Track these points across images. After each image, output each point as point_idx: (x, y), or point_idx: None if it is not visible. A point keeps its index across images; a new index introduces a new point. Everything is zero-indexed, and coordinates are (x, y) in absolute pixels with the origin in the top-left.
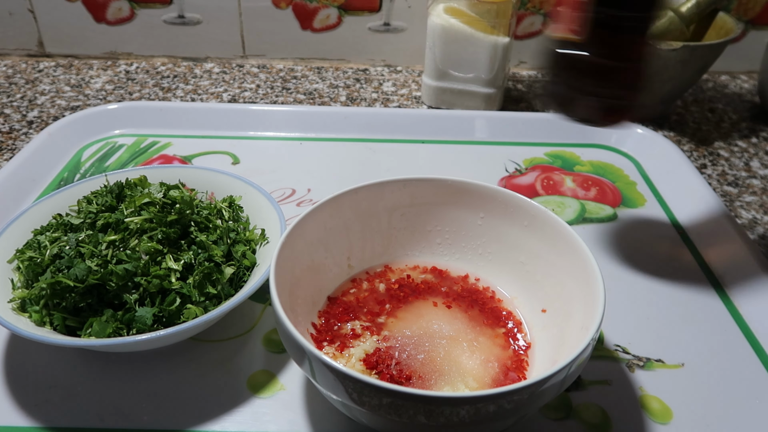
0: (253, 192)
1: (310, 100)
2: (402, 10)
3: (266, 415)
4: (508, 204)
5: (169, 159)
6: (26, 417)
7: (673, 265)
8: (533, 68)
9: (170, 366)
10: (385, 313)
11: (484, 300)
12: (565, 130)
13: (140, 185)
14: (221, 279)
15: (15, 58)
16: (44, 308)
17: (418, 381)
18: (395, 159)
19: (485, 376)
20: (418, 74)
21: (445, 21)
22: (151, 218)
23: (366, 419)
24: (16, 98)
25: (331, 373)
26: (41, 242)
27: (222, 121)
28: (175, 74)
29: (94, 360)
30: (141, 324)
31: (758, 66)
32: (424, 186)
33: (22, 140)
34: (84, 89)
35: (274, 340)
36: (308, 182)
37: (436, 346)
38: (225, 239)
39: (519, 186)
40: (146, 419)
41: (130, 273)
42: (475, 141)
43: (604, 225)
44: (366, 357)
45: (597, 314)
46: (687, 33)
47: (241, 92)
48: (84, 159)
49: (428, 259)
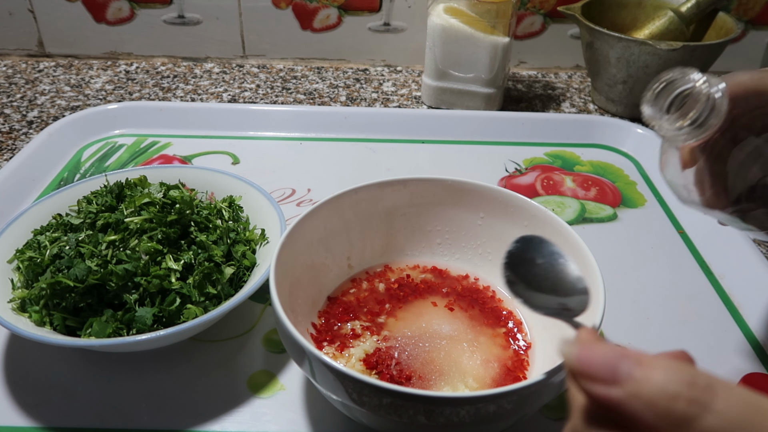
0: (253, 192)
1: (310, 100)
2: (402, 10)
3: (266, 415)
4: (508, 204)
5: (169, 159)
6: (26, 417)
7: (673, 265)
8: (533, 68)
9: (170, 366)
10: (384, 313)
11: (485, 300)
12: (565, 130)
13: (140, 185)
14: (221, 279)
15: (15, 58)
16: (44, 308)
17: (418, 381)
18: (395, 159)
19: (485, 376)
20: (418, 74)
21: (445, 21)
22: (151, 218)
23: (366, 419)
24: (16, 98)
25: (331, 373)
26: (41, 242)
27: (222, 121)
28: (175, 74)
29: (94, 360)
30: (141, 324)
31: (758, 66)
32: (424, 186)
33: (22, 140)
34: (84, 89)
35: (274, 340)
36: (308, 182)
37: (436, 346)
38: (225, 239)
39: (519, 186)
40: (146, 419)
41: (130, 273)
42: (475, 141)
43: (604, 225)
44: (366, 357)
45: (597, 314)
46: (687, 33)
47: (241, 92)
48: (84, 159)
49: (428, 259)
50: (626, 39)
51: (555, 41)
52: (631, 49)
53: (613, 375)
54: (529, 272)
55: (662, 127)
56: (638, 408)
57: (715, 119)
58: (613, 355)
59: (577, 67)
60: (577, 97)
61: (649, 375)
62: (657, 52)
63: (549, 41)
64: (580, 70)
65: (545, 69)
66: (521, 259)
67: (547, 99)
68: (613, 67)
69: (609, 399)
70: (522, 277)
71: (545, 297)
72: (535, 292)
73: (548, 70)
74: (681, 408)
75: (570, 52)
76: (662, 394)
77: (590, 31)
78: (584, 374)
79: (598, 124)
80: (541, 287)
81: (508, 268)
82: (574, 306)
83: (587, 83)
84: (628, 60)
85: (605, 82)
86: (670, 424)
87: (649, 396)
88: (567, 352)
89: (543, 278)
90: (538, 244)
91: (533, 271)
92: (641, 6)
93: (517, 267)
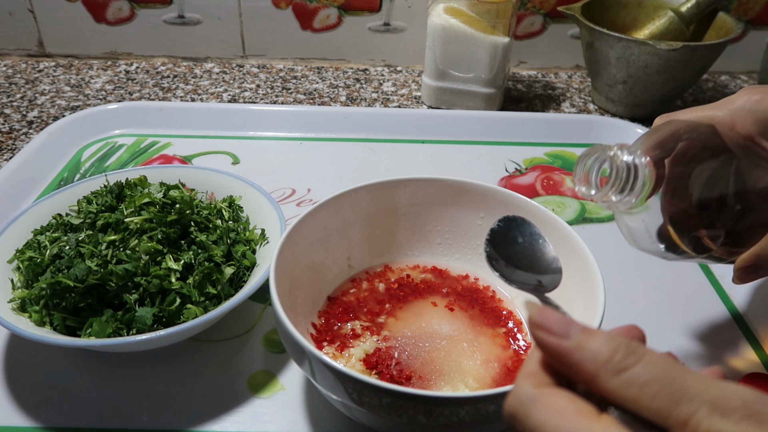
0: (253, 192)
1: (310, 100)
2: (402, 10)
3: (266, 415)
4: (508, 204)
5: (169, 159)
6: (26, 417)
7: (673, 265)
8: (533, 68)
9: (170, 366)
10: (384, 313)
11: (485, 300)
12: (565, 130)
13: (140, 185)
14: (221, 279)
15: (15, 58)
16: (44, 308)
17: (418, 381)
18: (395, 159)
19: (485, 376)
20: (418, 74)
21: (445, 21)
22: (151, 218)
23: (366, 419)
24: (16, 98)
25: (331, 373)
26: (41, 242)
27: (222, 121)
28: (175, 74)
29: (94, 360)
30: (141, 324)
31: (758, 66)
32: (424, 186)
33: (22, 140)
34: (84, 89)
35: (274, 340)
36: (308, 182)
37: (436, 346)
38: (225, 239)
39: (519, 186)
40: (146, 419)
41: (130, 273)
42: (475, 141)
43: (604, 225)
44: (366, 357)
45: (597, 314)
46: (687, 33)
47: (241, 92)
48: (84, 159)
49: (428, 259)
50: (626, 39)
51: (555, 41)
52: (631, 49)
53: (565, 331)
54: (509, 249)
55: (599, 200)
56: (583, 356)
57: (639, 182)
58: (567, 319)
59: (577, 67)
60: (577, 97)
61: (594, 335)
62: (657, 52)
63: (549, 41)
64: (580, 70)
65: (545, 69)
66: (503, 237)
67: (547, 99)
68: (613, 67)
69: (560, 347)
70: (502, 254)
71: (522, 273)
72: (513, 269)
73: (548, 70)
74: (619, 358)
75: (570, 52)
76: (604, 346)
77: (590, 31)
78: (542, 326)
79: (598, 124)
80: (520, 264)
81: (489, 244)
82: (548, 283)
83: (587, 83)
84: (628, 60)
85: (605, 82)
86: (607, 371)
87: (592, 348)
88: (531, 309)
89: (522, 256)
90: (521, 224)
91: (514, 248)
92: (641, 6)
93: (498, 244)
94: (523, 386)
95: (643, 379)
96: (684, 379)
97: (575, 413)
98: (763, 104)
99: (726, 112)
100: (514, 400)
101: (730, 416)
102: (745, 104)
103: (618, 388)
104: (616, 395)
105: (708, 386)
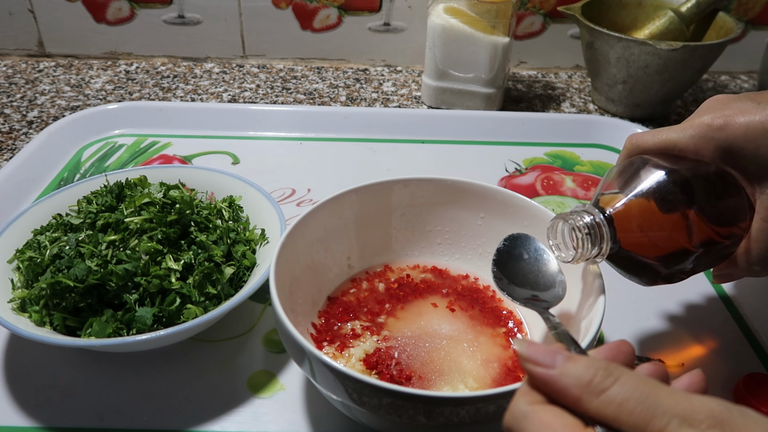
0: (253, 192)
1: (310, 100)
2: (402, 10)
3: (266, 415)
4: (508, 204)
5: (169, 159)
6: (26, 417)
7: None
8: (533, 68)
9: (170, 366)
10: (384, 313)
11: (485, 300)
12: (565, 130)
13: (140, 185)
14: (221, 279)
15: (15, 58)
16: (44, 308)
17: (418, 381)
18: (395, 159)
19: (485, 376)
20: (418, 74)
21: (445, 21)
22: (151, 218)
23: (366, 419)
24: (16, 98)
25: (331, 373)
26: (41, 242)
27: (222, 121)
28: (175, 74)
29: (94, 360)
30: (141, 324)
31: (758, 66)
32: (424, 186)
33: (22, 140)
34: (84, 89)
35: (274, 340)
36: (308, 182)
37: (436, 346)
38: (225, 239)
39: (519, 186)
40: (146, 419)
41: (130, 273)
42: (475, 141)
43: None
44: (366, 357)
45: (597, 314)
46: (687, 33)
47: (241, 92)
48: (84, 159)
49: (428, 258)
50: (626, 39)
51: (555, 41)
52: (631, 49)
53: (551, 361)
54: (515, 267)
55: (571, 256)
56: (567, 382)
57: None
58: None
59: (577, 67)
60: (577, 97)
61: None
62: (657, 52)
63: (549, 41)
64: (580, 70)
65: (545, 69)
66: (509, 255)
67: (547, 99)
68: (613, 67)
69: (545, 376)
70: (507, 273)
71: (526, 291)
72: (517, 287)
73: (548, 70)
74: (598, 380)
75: (570, 52)
76: (585, 371)
77: (590, 31)
78: (530, 360)
79: (598, 124)
80: (525, 282)
81: (495, 264)
82: (550, 299)
83: (587, 83)
84: (628, 60)
85: (605, 82)
86: (589, 393)
87: (574, 374)
88: (520, 345)
89: (527, 272)
90: (525, 240)
91: (519, 265)
92: (641, 6)
93: (504, 263)
94: (518, 403)
95: (620, 398)
96: (656, 395)
97: (563, 427)
98: (724, 131)
99: (689, 138)
100: (510, 416)
101: (697, 426)
102: (707, 132)
103: (599, 407)
104: (598, 414)
105: (679, 400)
